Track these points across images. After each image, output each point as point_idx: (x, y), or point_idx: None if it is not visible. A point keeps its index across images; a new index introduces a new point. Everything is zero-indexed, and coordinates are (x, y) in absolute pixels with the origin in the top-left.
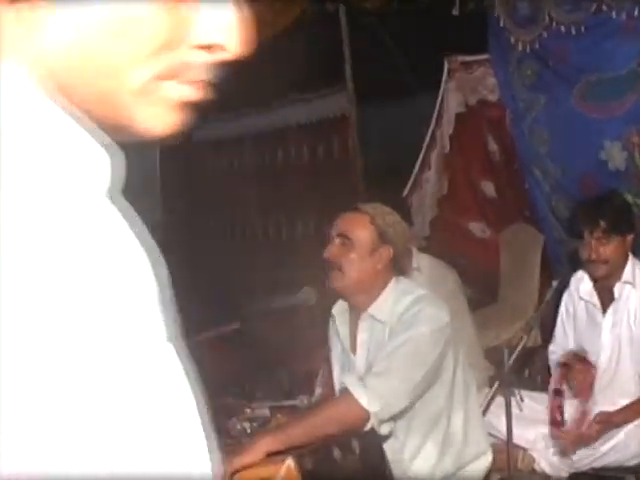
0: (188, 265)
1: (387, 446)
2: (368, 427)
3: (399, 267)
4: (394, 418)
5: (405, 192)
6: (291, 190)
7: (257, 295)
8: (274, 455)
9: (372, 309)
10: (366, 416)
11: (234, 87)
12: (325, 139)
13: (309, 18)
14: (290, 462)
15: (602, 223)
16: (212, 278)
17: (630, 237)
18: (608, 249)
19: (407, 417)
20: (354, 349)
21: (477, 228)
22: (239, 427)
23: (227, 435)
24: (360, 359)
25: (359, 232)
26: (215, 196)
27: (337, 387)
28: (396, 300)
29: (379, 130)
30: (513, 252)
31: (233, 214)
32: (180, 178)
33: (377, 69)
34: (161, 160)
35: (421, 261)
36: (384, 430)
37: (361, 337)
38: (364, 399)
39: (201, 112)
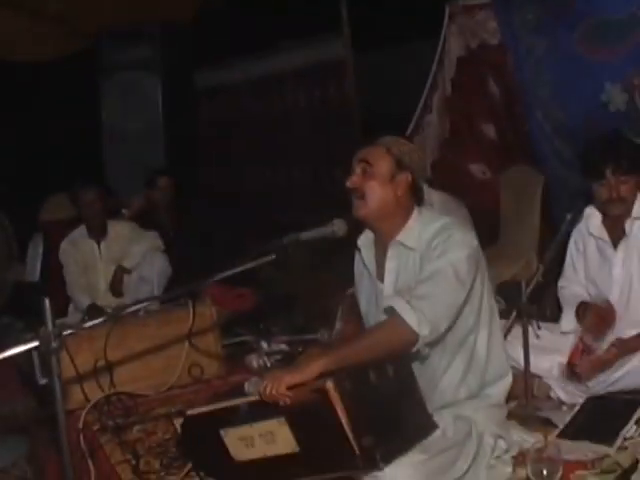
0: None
1: (420, 365)
2: (415, 349)
3: (419, 195)
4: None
5: (407, 134)
6: (288, 137)
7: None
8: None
9: (400, 236)
10: (415, 338)
11: (230, 34)
12: (322, 84)
13: None
14: (330, 384)
15: (624, 162)
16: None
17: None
18: (627, 187)
19: (441, 339)
20: (381, 277)
21: (478, 170)
22: (260, 362)
23: (246, 370)
24: (388, 286)
25: (378, 160)
26: (214, 143)
27: (363, 313)
28: (423, 227)
29: (376, 74)
30: (513, 193)
31: (231, 161)
32: (182, 126)
33: (374, 14)
34: (164, 109)
35: (432, 196)
36: (425, 351)
37: (389, 264)
38: (414, 322)
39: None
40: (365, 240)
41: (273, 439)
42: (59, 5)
